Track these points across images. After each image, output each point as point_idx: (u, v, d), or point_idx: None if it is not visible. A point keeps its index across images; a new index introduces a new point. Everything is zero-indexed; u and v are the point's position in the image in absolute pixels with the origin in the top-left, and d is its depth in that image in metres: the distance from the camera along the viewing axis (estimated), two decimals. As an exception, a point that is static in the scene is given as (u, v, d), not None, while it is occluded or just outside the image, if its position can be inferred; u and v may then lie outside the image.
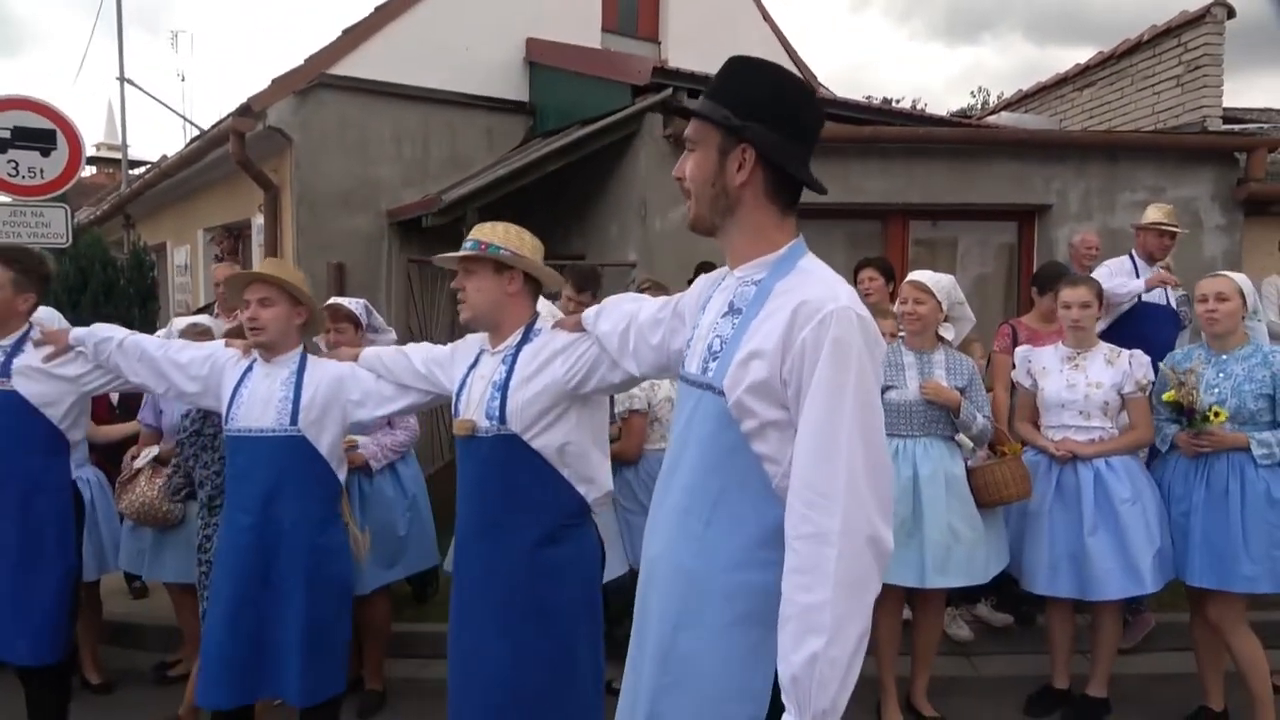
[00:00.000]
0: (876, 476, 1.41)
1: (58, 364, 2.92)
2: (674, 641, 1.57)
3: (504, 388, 2.33)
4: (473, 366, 2.48)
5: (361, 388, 2.77)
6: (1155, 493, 3.58)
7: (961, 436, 3.61)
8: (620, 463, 3.71)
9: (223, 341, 3.05)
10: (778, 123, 1.54)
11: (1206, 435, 3.39)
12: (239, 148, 6.69)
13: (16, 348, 2.93)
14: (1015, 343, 4.31)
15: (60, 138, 6.20)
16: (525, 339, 2.41)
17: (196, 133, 9.55)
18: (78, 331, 2.95)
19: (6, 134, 6.04)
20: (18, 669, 2.99)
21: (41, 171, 6.16)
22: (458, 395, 2.47)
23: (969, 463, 3.62)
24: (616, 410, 3.84)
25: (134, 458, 3.95)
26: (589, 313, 2.32)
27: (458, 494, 2.50)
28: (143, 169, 12.50)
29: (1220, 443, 3.38)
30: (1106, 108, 8.68)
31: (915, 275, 3.63)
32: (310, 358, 2.84)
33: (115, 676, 4.20)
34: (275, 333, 2.76)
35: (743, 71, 1.59)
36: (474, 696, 2.37)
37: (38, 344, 2.94)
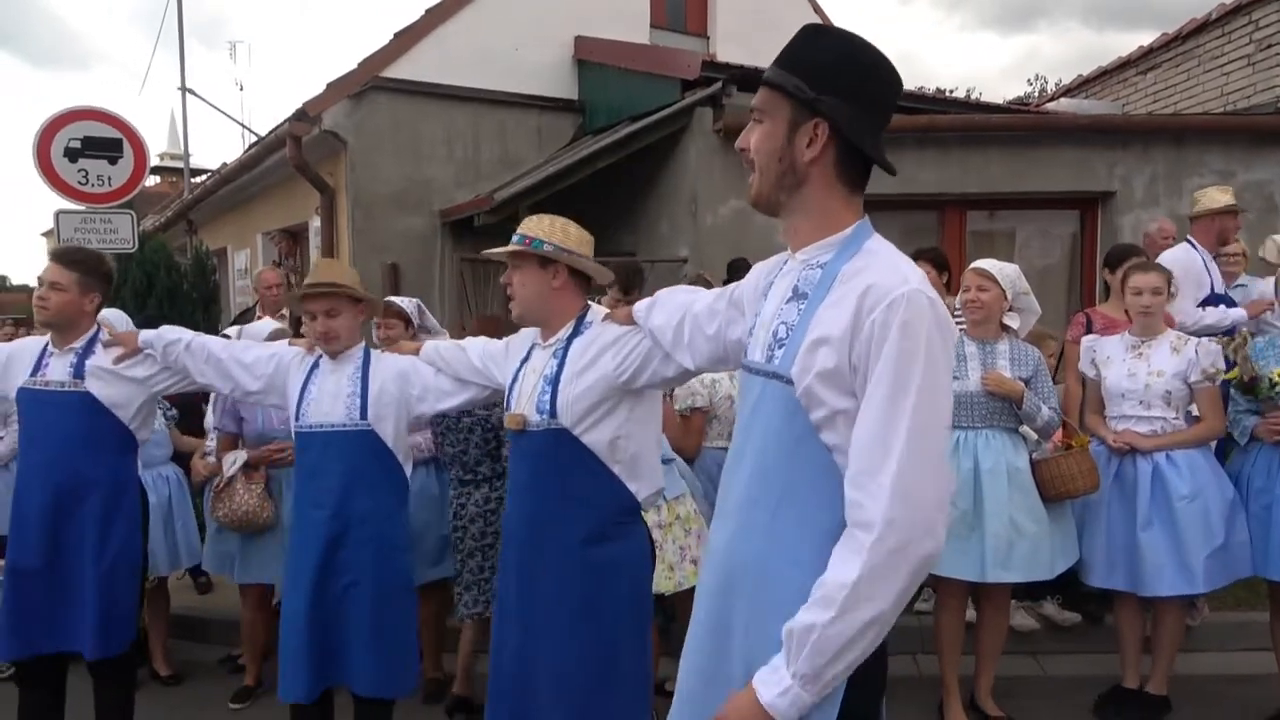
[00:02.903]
0: (931, 472, 1.34)
1: (127, 365, 2.99)
2: (745, 636, 1.50)
3: (555, 381, 2.31)
4: (525, 360, 2.47)
5: (422, 382, 2.80)
6: (1223, 488, 3.45)
7: (1025, 428, 3.52)
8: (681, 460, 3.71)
9: (286, 341, 3.10)
10: (853, 95, 1.43)
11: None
12: (296, 151, 6.82)
13: (88, 349, 3.00)
14: (1089, 332, 4.18)
15: (126, 146, 6.40)
16: (576, 332, 2.39)
17: (255, 139, 9.77)
18: (146, 334, 3.02)
19: (77, 144, 6.25)
20: (87, 661, 3.07)
21: (109, 179, 6.36)
22: (510, 389, 2.47)
23: (1034, 455, 3.52)
24: (677, 407, 3.83)
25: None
26: (640, 305, 2.28)
27: (508, 488, 2.51)
28: (204, 176, 12.83)
29: None
30: (1172, 90, 8.40)
31: (979, 263, 3.55)
32: (373, 352, 2.88)
33: (182, 669, 4.31)
34: (348, 339, 2.82)
35: (817, 39, 1.48)
36: (517, 693, 2.36)
37: (107, 345, 3.01)
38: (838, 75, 1.43)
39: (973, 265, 3.56)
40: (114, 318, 4.27)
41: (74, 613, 2.94)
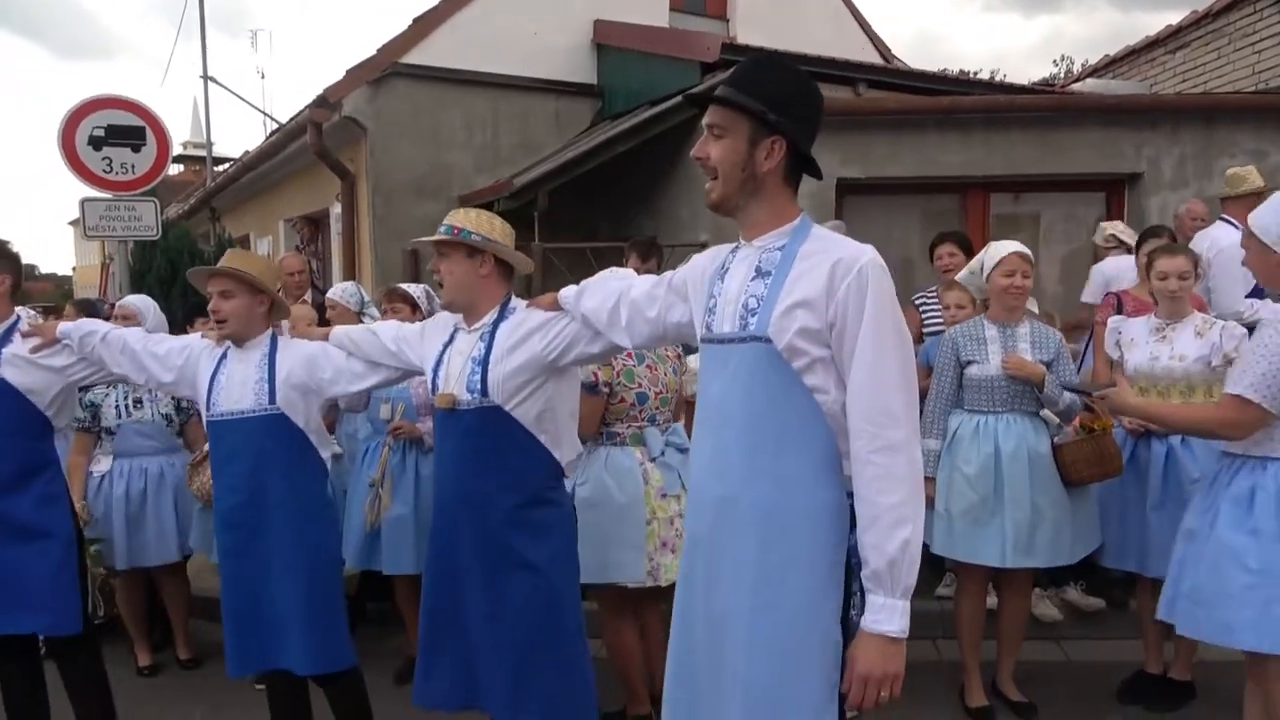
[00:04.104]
0: (915, 398, 1.75)
1: (45, 355, 3.01)
2: (761, 566, 1.75)
3: (484, 362, 2.47)
4: (449, 344, 2.60)
5: (333, 365, 2.86)
6: None
7: (1046, 412, 3.48)
8: None
9: (199, 333, 3.13)
10: (801, 117, 1.79)
11: None
12: (317, 138, 6.85)
13: (5, 337, 3.01)
14: (1119, 313, 4.12)
15: (149, 134, 6.45)
16: (501, 317, 2.54)
17: (276, 127, 9.82)
18: (64, 325, 3.06)
19: (101, 132, 6.31)
20: (46, 642, 3.11)
21: (133, 167, 6.41)
22: (435, 371, 2.59)
23: (1055, 439, 3.49)
24: (689, 392, 3.82)
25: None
26: (568, 292, 2.47)
27: (435, 465, 2.65)
28: (226, 164, 12.92)
29: None
30: (1201, 70, 8.25)
31: (1018, 247, 3.49)
32: (280, 339, 2.93)
33: (206, 650, 4.35)
34: (237, 323, 2.85)
35: (770, 69, 1.82)
36: (458, 651, 2.53)
37: (26, 335, 3.03)
38: (791, 101, 1.78)
39: (1016, 250, 3.49)
40: (141, 304, 4.34)
41: (7, 592, 2.94)
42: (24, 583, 2.94)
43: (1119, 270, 4.87)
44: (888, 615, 1.67)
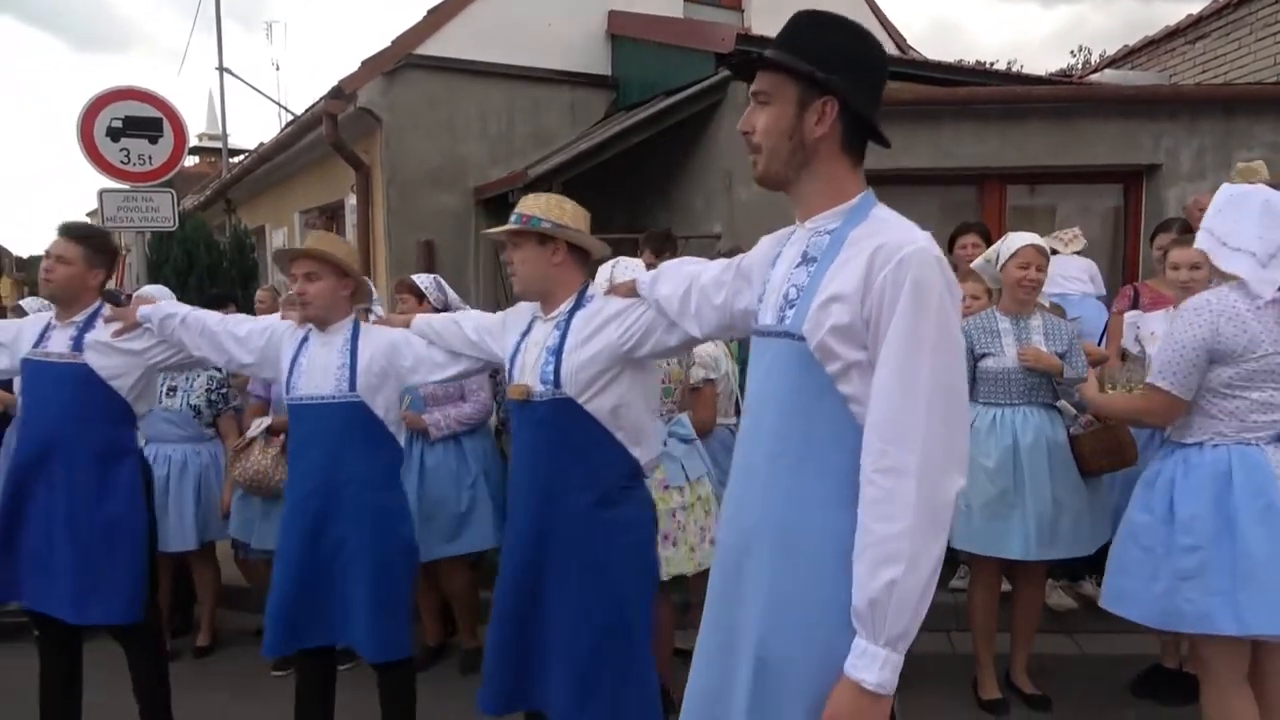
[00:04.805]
0: (954, 418, 1.44)
1: (125, 339, 3.04)
2: (772, 592, 1.55)
3: (558, 352, 2.38)
4: (526, 333, 2.53)
5: (414, 354, 2.85)
6: None
7: (1063, 403, 3.47)
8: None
9: (279, 314, 3.14)
10: (857, 75, 1.56)
11: None
12: (331, 129, 6.86)
13: (89, 323, 3.04)
14: (1136, 306, 4.10)
15: (166, 125, 6.50)
16: (578, 305, 2.46)
17: (291, 119, 9.85)
18: (144, 309, 3.07)
19: (119, 123, 6.36)
20: (114, 636, 3.13)
21: (150, 158, 6.47)
22: (511, 361, 2.53)
23: (1071, 430, 3.48)
24: (690, 383, 3.82)
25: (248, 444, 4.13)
26: (645, 278, 2.35)
27: (512, 458, 2.57)
28: (242, 156, 12.98)
29: None
30: (1221, 60, 8.16)
31: (1034, 239, 3.49)
32: (363, 325, 2.92)
33: (225, 637, 4.41)
34: (321, 306, 2.84)
35: (817, 25, 1.60)
36: (522, 654, 2.43)
37: (108, 320, 3.06)
38: (844, 58, 1.55)
39: (1032, 241, 3.48)
40: (157, 294, 4.37)
41: (71, 576, 2.95)
42: (98, 572, 2.95)
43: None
44: (867, 663, 1.41)
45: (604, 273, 3.03)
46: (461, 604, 4.09)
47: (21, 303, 5.67)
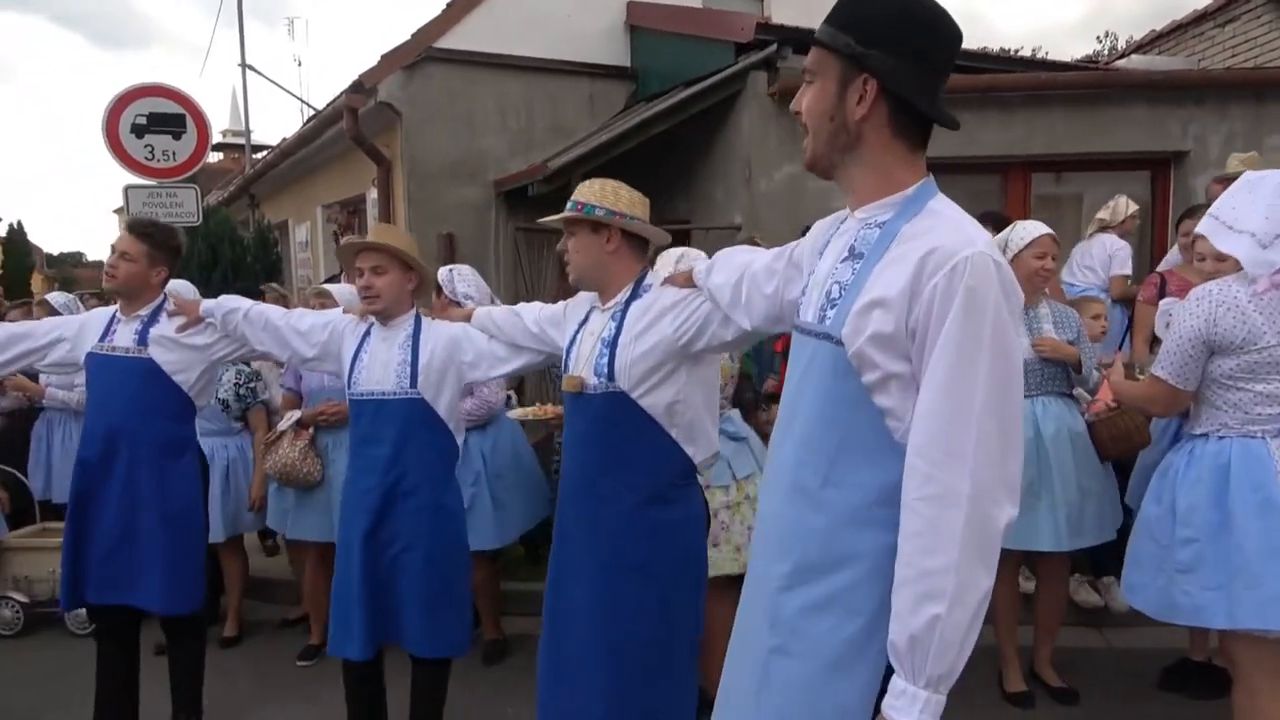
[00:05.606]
0: (1008, 443, 1.30)
1: (189, 334, 3.07)
2: (781, 603, 1.45)
3: (613, 344, 2.31)
4: (583, 323, 2.47)
5: (475, 348, 2.82)
6: None
7: (1079, 390, 3.46)
8: None
9: (343, 308, 3.15)
10: (902, 49, 1.37)
11: None
12: (353, 123, 6.89)
13: (152, 318, 3.09)
14: (1163, 294, 4.04)
15: (189, 121, 6.55)
16: (635, 295, 2.38)
17: (313, 114, 9.90)
18: (207, 303, 3.10)
19: (143, 120, 6.42)
20: (161, 621, 3.18)
21: (174, 154, 6.52)
22: (568, 352, 2.47)
23: (1087, 417, 3.47)
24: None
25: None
26: (700, 267, 2.25)
27: (563, 451, 2.51)
28: (264, 152, 13.08)
29: None
30: (1252, 44, 8.01)
31: (1047, 229, 3.45)
32: (425, 320, 2.91)
33: (250, 628, 4.46)
34: (389, 299, 2.82)
35: None
36: (570, 650, 2.38)
37: (171, 315, 3.10)
38: (888, 30, 1.38)
39: (1047, 232, 3.44)
40: (182, 289, 4.40)
41: (136, 568, 3.01)
42: (156, 561, 3.00)
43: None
44: (905, 704, 1.29)
45: (666, 261, 2.95)
46: (483, 596, 4.10)
47: (48, 297, 5.74)
